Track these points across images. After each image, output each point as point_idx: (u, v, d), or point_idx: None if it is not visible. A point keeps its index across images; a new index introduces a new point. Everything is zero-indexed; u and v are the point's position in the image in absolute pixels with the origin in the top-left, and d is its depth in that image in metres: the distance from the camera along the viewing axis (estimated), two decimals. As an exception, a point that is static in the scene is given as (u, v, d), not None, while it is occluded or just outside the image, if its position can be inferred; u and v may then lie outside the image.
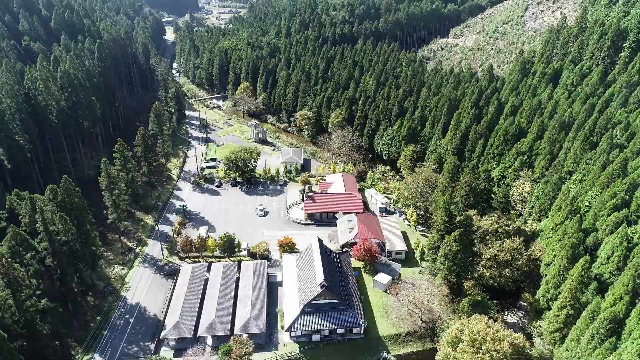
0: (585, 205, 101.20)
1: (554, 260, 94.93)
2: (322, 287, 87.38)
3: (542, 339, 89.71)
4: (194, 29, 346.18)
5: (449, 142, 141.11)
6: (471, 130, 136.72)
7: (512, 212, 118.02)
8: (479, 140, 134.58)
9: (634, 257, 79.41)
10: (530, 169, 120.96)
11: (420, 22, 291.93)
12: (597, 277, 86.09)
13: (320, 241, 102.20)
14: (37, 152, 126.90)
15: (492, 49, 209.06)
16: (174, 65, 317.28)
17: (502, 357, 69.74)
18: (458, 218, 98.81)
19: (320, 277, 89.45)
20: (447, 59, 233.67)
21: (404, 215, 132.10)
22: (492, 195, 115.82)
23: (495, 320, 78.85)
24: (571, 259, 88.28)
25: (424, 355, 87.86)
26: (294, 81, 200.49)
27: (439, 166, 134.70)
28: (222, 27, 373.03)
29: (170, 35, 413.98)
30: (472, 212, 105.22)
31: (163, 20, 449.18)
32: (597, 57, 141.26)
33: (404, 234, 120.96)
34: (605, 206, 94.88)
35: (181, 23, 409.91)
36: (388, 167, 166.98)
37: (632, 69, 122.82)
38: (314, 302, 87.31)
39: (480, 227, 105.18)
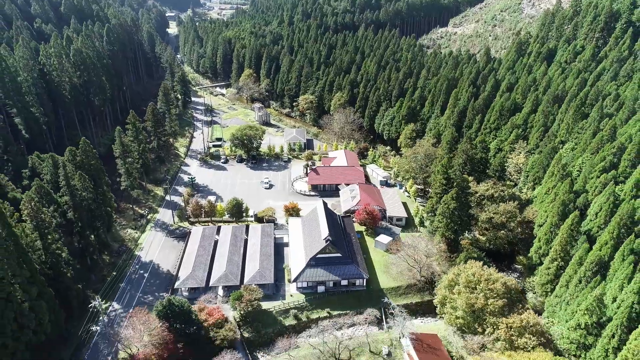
0: (577, 170, 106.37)
1: (546, 221, 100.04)
2: (326, 242, 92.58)
3: (535, 292, 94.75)
4: (197, 23, 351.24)
5: (447, 119, 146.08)
6: (469, 107, 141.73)
7: (508, 183, 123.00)
8: (476, 116, 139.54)
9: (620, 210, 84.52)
10: (525, 141, 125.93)
11: (420, 13, 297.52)
12: (587, 232, 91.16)
13: (324, 204, 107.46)
14: (50, 127, 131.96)
15: (490, 35, 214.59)
16: (178, 56, 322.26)
17: (495, 295, 74.96)
18: (455, 182, 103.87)
19: (325, 232, 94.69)
20: (446, 47, 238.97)
21: (404, 188, 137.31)
22: (489, 164, 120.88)
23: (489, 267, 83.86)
24: (562, 216, 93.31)
25: (422, 305, 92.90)
26: (296, 67, 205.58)
27: (437, 141, 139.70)
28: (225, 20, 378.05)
29: (173, 29, 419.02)
30: (469, 178, 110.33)
31: (166, 15, 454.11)
32: (591, 38, 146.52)
33: (404, 204, 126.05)
34: (594, 169, 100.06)
35: (184, 17, 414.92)
36: (388, 147, 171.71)
37: (622, 44, 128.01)
38: (319, 255, 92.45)
39: (476, 192, 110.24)
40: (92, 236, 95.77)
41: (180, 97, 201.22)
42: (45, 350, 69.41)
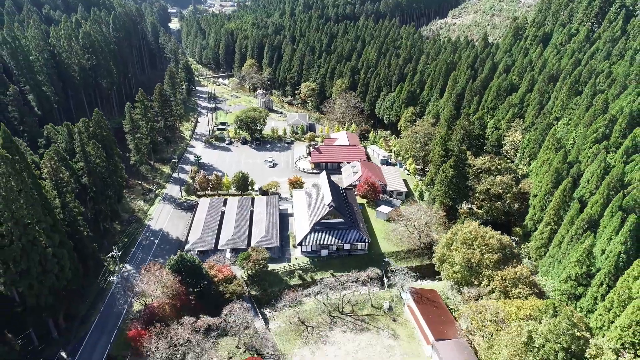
0: (570, 143, 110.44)
1: (541, 190, 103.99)
2: (330, 207, 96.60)
3: (530, 257, 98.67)
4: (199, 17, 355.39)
5: (446, 101, 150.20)
6: (467, 89, 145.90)
7: (504, 159, 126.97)
8: (474, 97, 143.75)
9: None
10: (521, 119, 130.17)
11: (420, 5, 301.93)
12: (579, 198, 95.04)
13: (328, 175, 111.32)
14: (60, 107, 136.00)
15: (488, 24, 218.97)
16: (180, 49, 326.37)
17: (490, 250, 78.98)
18: (453, 153, 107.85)
19: (328, 198, 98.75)
20: (445, 37, 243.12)
21: (404, 167, 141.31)
22: (486, 140, 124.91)
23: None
24: (555, 183, 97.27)
25: (422, 269, 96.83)
26: (298, 55, 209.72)
27: (436, 121, 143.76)
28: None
29: (175, 25, 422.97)
30: (467, 152, 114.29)
31: (168, 11, 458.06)
32: (586, 22, 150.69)
33: (405, 181, 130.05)
34: (587, 140, 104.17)
35: (185, 13, 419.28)
36: (389, 132, 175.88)
37: (615, 25, 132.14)
38: (322, 221, 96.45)
39: (474, 165, 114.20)
40: (105, 204, 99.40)
41: (184, 84, 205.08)
42: (65, 302, 73.21)
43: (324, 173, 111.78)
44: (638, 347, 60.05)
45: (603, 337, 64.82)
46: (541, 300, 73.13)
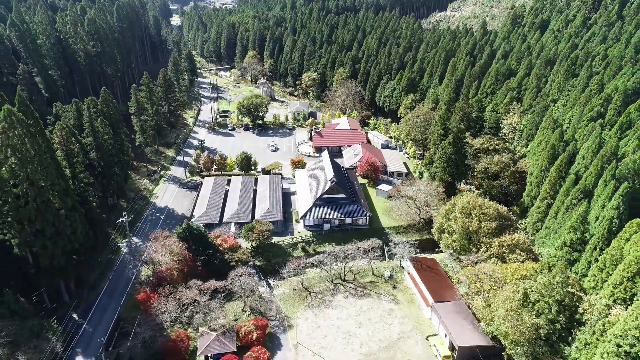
0: (567, 123, 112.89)
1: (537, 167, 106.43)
2: (332, 182, 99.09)
3: (527, 232, 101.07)
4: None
5: (445, 87, 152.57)
6: (466, 75, 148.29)
7: (503, 141, 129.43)
8: (473, 83, 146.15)
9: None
10: (519, 103, 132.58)
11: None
12: (575, 174, 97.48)
13: (329, 153, 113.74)
14: (66, 91, 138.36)
15: (487, 16, 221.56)
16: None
17: (488, 218, 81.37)
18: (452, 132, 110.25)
19: (330, 174, 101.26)
20: (445, 28, 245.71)
21: (404, 151, 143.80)
22: (484, 122, 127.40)
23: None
24: (551, 159, 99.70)
25: (422, 243, 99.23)
26: (299, 46, 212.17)
27: (436, 105, 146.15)
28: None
29: (176, 21, 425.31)
30: (466, 133, 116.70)
31: (170, 8, 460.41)
32: (583, 9, 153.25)
33: (405, 164, 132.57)
34: (583, 119, 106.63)
35: (187, 9, 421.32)
36: (389, 120, 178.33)
37: (611, 10, 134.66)
38: (324, 196, 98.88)
39: (472, 145, 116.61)
40: (112, 180, 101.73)
41: (187, 74, 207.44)
42: (76, 267, 75.57)
43: (325, 152, 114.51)
44: (629, 302, 62.36)
45: (596, 296, 67.17)
46: (537, 263, 75.48)
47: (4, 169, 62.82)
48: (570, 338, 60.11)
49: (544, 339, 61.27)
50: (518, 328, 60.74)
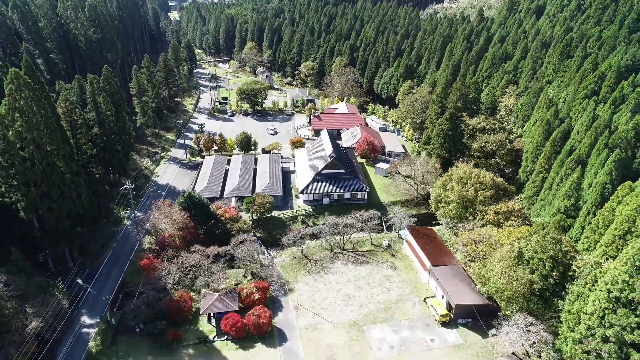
0: (562, 102, 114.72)
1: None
2: (330, 158, 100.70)
3: (523, 207, 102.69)
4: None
5: (442, 72, 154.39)
6: (462, 60, 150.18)
7: (499, 121, 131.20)
8: (470, 67, 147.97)
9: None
10: (515, 85, 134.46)
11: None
12: (570, 148, 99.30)
13: (328, 133, 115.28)
14: (67, 75, 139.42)
15: (484, 6, 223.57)
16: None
17: (484, 187, 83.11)
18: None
19: (329, 150, 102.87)
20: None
21: (402, 134, 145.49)
22: (480, 104, 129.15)
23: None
24: (546, 135, 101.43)
25: (419, 217, 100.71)
26: (298, 36, 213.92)
27: (433, 89, 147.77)
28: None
29: (174, 16, 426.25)
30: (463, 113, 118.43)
31: (168, 3, 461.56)
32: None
33: (403, 146, 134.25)
34: (577, 97, 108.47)
35: (185, 5, 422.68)
36: (387, 107, 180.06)
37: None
38: (324, 171, 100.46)
39: (469, 125, 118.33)
40: (114, 157, 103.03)
41: (186, 63, 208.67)
42: (80, 234, 76.95)
43: (324, 130, 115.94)
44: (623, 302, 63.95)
45: (589, 256, 68.88)
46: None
47: (11, 132, 64.16)
48: (563, 293, 61.78)
49: (538, 294, 62.92)
50: (513, 284, 62.40)
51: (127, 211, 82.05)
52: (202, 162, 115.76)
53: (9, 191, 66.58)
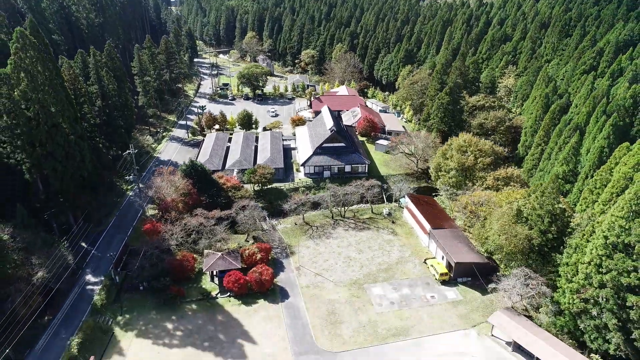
0: (560, 79, 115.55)
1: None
2: (331, 131, 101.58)
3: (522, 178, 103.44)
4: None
5: (442, 55, 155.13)
6: (462, 43, 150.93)
7: (498, 100, 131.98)
8: (470, 50, 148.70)
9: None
10: (515, 66, 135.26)
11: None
12: (569, 120, 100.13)
13: (329, 108, 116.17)
14: (70, 58, 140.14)
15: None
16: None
17: (483, 154, 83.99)
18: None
19: (329, 124, 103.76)
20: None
21: (402, 116, 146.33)
22: (480, 84, 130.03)
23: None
24: (545, 108, 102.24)
25: (419, 191, 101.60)
26: (298, 24, 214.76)
27: (433, 71, 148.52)
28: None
29: (174, 11, 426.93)
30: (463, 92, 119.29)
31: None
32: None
33: (403, 127, 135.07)
34: (576, 72, 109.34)
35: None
36: (387, 93, 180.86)
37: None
38: (324, 145, 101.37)
39: (469, 102, 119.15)
40: (116, 132, 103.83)
41: (187, 51, 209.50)
42: (84, 197, 77.76)
43: (325, 107, 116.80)
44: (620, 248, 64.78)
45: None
46: (530, 191, 77.96)
47: (16, 92, 65.02)
48: (561, 247, 62.61)
49: (536, 249, 63.75)
50: (512, 240, 63.22)
51: (131, 177, 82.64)
52: (203, 139, 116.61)
53: (14, 152, 67.48)
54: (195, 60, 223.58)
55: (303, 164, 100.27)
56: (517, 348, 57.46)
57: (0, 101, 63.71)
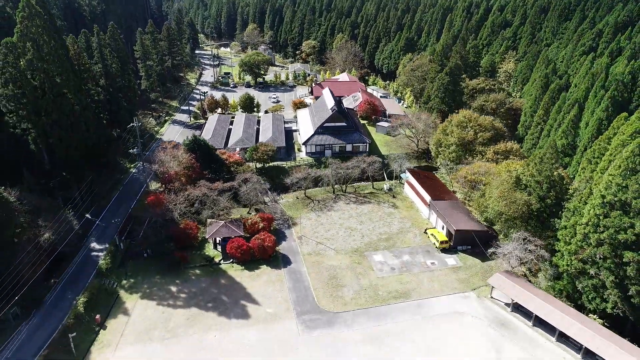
0: (560, 61, 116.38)
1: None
2: (332, 111, 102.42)
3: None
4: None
5: (442, 42, 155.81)
6: (462, 29, 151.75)
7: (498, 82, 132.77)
8: (470, 36, 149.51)
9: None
10: (515, 51, 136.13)
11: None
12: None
13: (331, 90, 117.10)
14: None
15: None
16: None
17: (483, 129, 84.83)
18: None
19: (331, 104, 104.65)
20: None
21: (402, 102, 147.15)
22: (480, 68, 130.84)
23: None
24: (544, 88, 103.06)
25: (420, 169, 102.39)
26: (299, 15, 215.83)
27: (433, 57, 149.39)
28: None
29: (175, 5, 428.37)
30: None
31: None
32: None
33: (404, 112, 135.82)
34: (575, 53, 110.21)
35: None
36: (388, 82, 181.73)
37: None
38: (326, 124, 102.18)
39: (469, 85, 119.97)
40: (119, 112, 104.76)
41: (189, 40, 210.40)
42: (87, 170, 78.67)
43: (327, 89, 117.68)
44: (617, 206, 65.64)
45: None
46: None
47: (22, 61, 65.99)
48: (560, 212, 63.43)
49: (535, 215, 64.59)
50: (511, 206, 64.06)
51: (135, 150, 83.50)
52: (205, 121, 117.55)
53: (20, 122, 68.45)
54: (197, 52, 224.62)
55: (304, 143, 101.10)
56: (516, 308, 58.35)
57: (6, 70, 64.81)
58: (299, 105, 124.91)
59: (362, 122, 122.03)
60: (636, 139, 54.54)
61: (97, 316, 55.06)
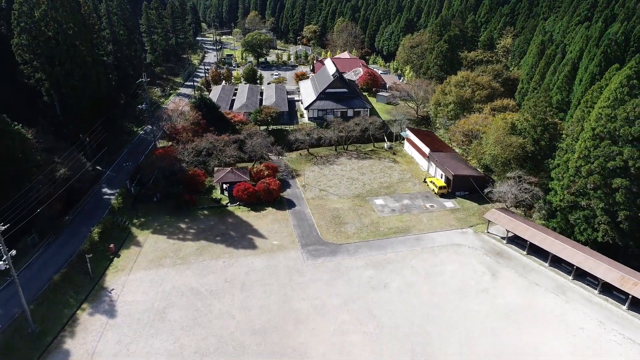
0: (556, 32, 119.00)
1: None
2: (334, 77, 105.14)
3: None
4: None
5: (441, 17, 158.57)
6: (461, 9, 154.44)
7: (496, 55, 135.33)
8: (469, 15, 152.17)
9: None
10: (512, 27, 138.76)
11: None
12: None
13: (333, 62, 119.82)
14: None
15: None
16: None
17: (480, 87, 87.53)
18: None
19: (332, 71, 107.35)
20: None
21: (402, 78, 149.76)
22: (478, 42, 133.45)
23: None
24: (541, 54, 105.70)
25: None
26: (300, 1, 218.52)
27: (432, 29, 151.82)
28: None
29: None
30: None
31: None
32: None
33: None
34: (571, 23, 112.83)
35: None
36: (388, 64, 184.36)
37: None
38: (327, 90, 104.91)
39: (467, 57, 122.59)
40: (126, 81, 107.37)
41: (191, 26, 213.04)
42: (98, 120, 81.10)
43: (329, 59, 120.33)
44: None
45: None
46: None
47: (36, 12, 68.69)
48: (553, 153, 66.05)
49: (530, 156, 67.23)
50: (506, 149, 66.73)
51: (143, 105, 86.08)
52: (209, 91, 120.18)
53: (34, 72, 71.14)
54: (199, 38, 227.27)
55: (307, 108, 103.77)
56: (511, 241, 61.01)
57: (22, 19, 67.54)
58: (301, 77, 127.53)
59: (364, 93, 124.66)
60: (623, 70, 57.09)
61: (111, 245, 57.71)
